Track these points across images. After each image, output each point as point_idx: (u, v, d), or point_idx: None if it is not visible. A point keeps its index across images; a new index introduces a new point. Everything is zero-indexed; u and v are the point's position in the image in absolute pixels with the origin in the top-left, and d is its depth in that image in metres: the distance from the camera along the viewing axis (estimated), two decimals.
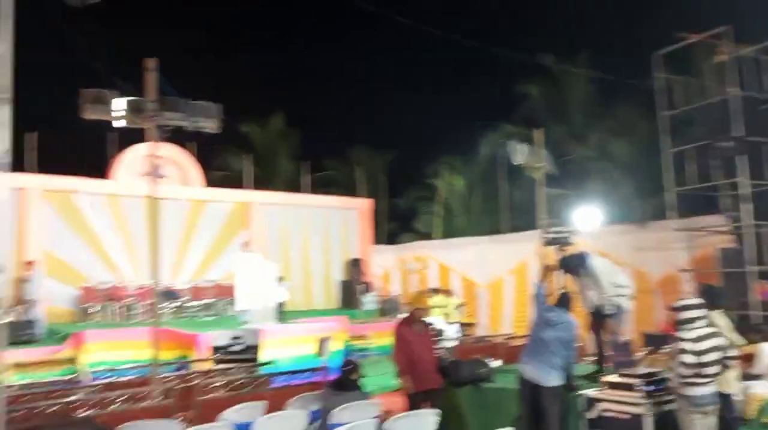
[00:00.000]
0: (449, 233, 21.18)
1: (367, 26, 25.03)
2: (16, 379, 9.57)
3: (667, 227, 12.69)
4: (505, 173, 18.72)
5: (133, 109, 7.19)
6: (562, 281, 7.46)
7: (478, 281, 17.38)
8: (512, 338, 11.60)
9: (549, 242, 7.06)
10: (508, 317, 16.48)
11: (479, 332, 16.38)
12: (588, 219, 14.52)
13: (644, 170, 16.09)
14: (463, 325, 15.89)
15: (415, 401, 6.27)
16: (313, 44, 29.98)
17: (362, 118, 26.30)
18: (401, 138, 24.66)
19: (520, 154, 8.94)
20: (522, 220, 19.56)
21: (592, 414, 5.64)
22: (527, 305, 15.62)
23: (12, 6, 4.13)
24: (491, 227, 20.43)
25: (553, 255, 7.00)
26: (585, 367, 8.06)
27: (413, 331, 6.59)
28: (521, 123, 18.97)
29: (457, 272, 18.00)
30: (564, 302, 6.04)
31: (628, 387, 5.42)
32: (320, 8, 27.46)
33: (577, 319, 6.09)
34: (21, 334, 11.51)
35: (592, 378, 6.41)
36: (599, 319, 6.53)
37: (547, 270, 6.66)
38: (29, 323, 12.08)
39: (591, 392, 5.76)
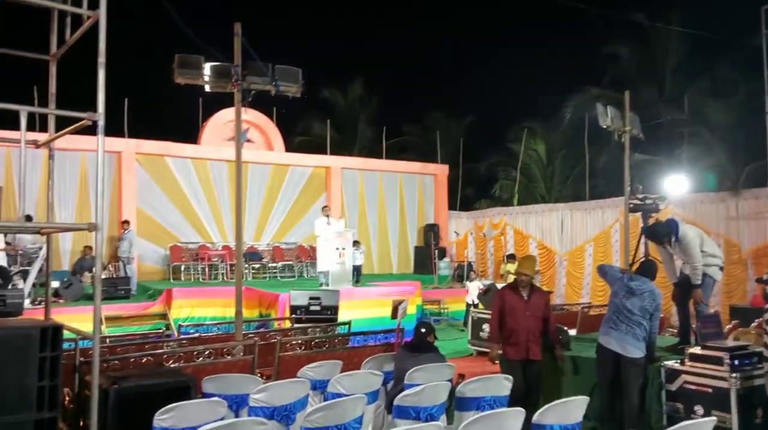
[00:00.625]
0: (528, 199, 20.76)
1: None
2: (111, 331, 10.28)
3: (762, 194, 11.91)
4: (587, 138, 18.05)
5: (219, 74, 7.36)
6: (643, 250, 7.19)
7: (557, 248, 17.01)
8: (590, 307, 11.32)
9: (636, 209, 6.77)
10: (587, 287, 16.10)
11: (556, 300, 16.12)
12: (677, 186, 13.86)
13: (742, 135, 15.10)
14: None
15: (510, 369, 5.86)
16: (392, 9, 29.62)
17: (441, 82, 26.01)
18: (480, 103, 24.25)
19: (607, 116, 8.53)
20: (605, 187, 18.91)
21: (673, 386, 5.46)
22: None
23: None
24: (572, 194, 19.86)
25: (639, 222, 6.71)
26: (667, 339, 7.81)
27: (517, 296, 6.10)
28: (608, 85, 18.18)
29: (535, 239, 17.67)
30: (648, 270, 5.82)
31: (713, 360, 5.20)
32: None
33: (660, 289, 5.87)
34: (116, 290, 12.28)
35: (675, 350, 6.19)
36: (686, 289, 6.25)
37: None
38: (123, 280, 12.86)
39: (673, 363, 5.57)
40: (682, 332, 6.49)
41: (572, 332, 7.97)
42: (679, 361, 5.60)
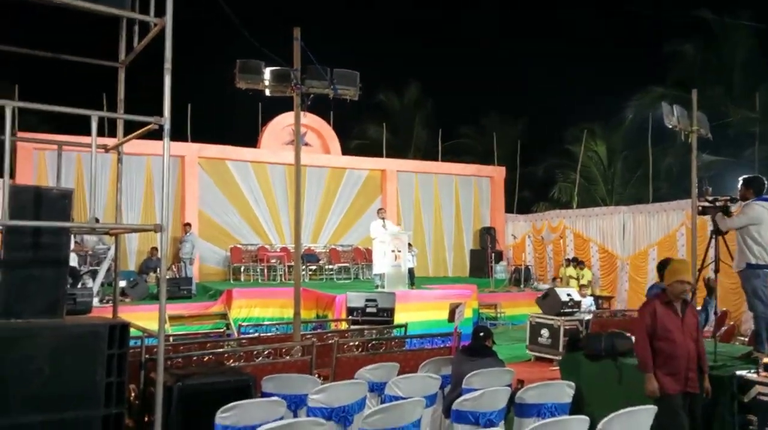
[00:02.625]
0: (588, 202, 20.28)
1: None
2: (174, 330, 10.58)
3: None
4: (651, 139, 17.49)
5: (278, 78, 7.48)
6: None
7: (619, 252, 16.53)
8: None
9: (705, 212, 6.49)
10: None
11: (618, 306, 15.66)
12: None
13: None
14: (600, 298, 15.28)
15: (670, 407, 4.69)
16: (446, 10, 29.51)
17: (497, 83, 25.71)
18: (537, 103, 23.87)
19: (674, 116, 8.22)
20: (669, 189, 18.29)
21: (747, 397, 5.20)
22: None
23: None
24: (634, 197, 19.29)
25: (708, 225, 6.42)
26: (737, 347, 7.45)
27: (671, 312, 4.88)
28: (672, 84, 17.58)
29: (596, 243, 17.22)
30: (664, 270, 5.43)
31: None
32: None
33: (734, 297, 5.60)
34: (179, 290, 12.64)
35: (749, 358, 5.90)
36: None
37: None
38: (186, 280, 13.23)
39: (746, 373, 5.30)
40: (756, 339, 6.18)
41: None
42: (753, 370, 5.33)
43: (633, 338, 6.97)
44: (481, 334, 5.58)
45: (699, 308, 6.73)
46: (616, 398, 5.93)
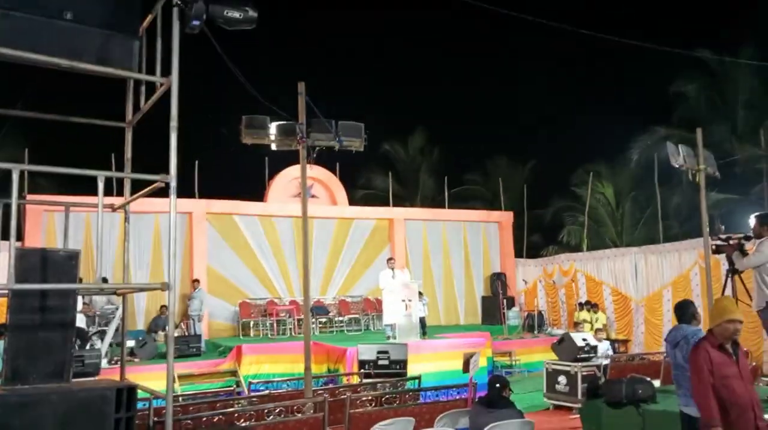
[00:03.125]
0: (597, 244, 20.14)
1: (502, 35, 24.73)
2: (183, 389, 10.40)
3: None
4: (657, 179, 17.46)
5: (284, 133, 7.57)
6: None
7: (632, 294, 16.30)
8: None
9: (719, 250, 6.40)
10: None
11: (634, 349, 15.34)
12: None
13: None
14: (616, 341, 14.99)
15: None
16: (448, 59, 30.08)
17: (501, 128, 25.97)
18: (542, 147, 24.03)
19: (679, 155, 8.21)
20: (679, 228, 18.18)
21: None
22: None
23: (178, 40, 4.48)
24: (644, 237, 19.16)
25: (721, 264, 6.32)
26: (764, 389, 7.21)
27: (725, 356, 4.35)
28: (677, 124, 17.68)
29: (609, 286, 17.00)
30: (679, 312, 5.29)
31: None
32: (452, 25, 27.59)
33: (753, 337, 5.44)
34: (188, 348, 12.48)
35: None
36: None
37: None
38: (194, 337, 13.08)
39: None
40: None
41: (656, 383, 7.50)
42: None
43: (654, 382, 6.80)
44: (497, 385, 5.43)
45: None
46: None
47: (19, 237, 13.35)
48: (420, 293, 13.48)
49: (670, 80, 18.72)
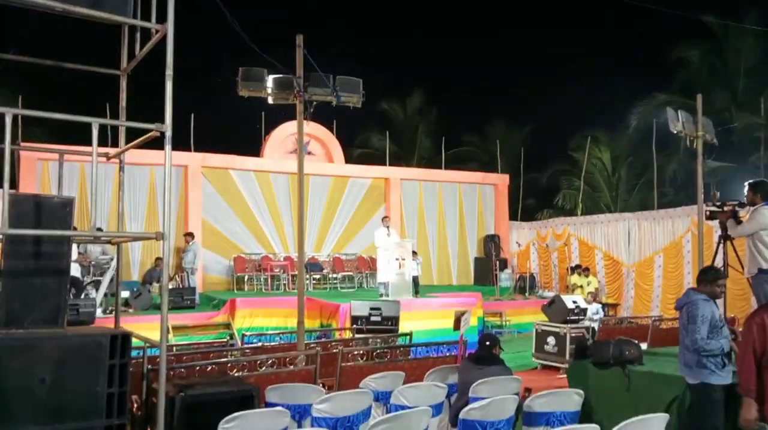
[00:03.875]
0: (592, 209, 20.22)
1: None
2: (177, 340, 10.51)
3: None
4: (655, 145, 17.40)
5: (281, 86, 7.46)
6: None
7: (624, 259, 16.44)
8: (661, 320, 10.82)
9: (713, 217, 6.42)
10: (656, 300, 15.46)
11: (623, 313, 15.56)
12: None
13: None
14: (605, 305, 15.18)
15: None
16: (450, 18, 29.58)
17: (500, 91, 25.72)
18: (541, 111, 23.87)
19: (679, 121, 8.17)
20: (674, 196, 18.23)
21: None
22: (680, 287, 14.61)
23: None
24: (639, 203, 19.22)
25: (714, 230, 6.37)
26: None
27: None
28: (677, 90, 17.55)
29: (601, 250, 17.13)
30: (699, 277, 5.21)
31: None
32: None
33: (741, 303, 5.50)
34: (182, 300, 12.58)
35: None
36: None
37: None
38: (188, 290, 13.16)
39: None
40: None
41: (643, 345, 7.62)
42: None
43: (642, 345, 6.90)
44: (488, 342, 5.51)
45: None
46: (625, 406, 5.85)
47: (13, 185, 13.30)
48: (414, 253, 13.56)
49: (672, 45, 18.50)
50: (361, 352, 6.99)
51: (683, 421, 5.12)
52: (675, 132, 8.39)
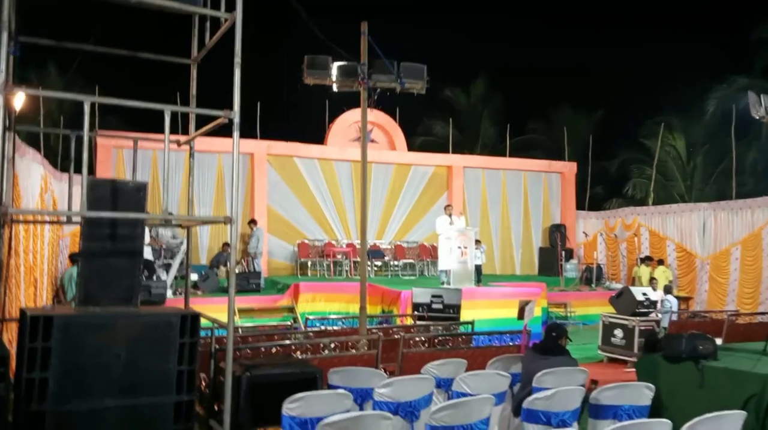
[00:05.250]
0: (664, 198, 19.43)
1: None
2: (242, 322, 10.80)
3: None
4: (733, 132, 16.53)
5: (346, 73, 7.50)
6: None
7: (698, 251, 15.76)
8: (737, 315, 10.34)
9: None
10: (732, 294, 14.77)
11: (696, 308, 14.94)
12: None
13: None
14: (678, 298, 14.63)
15: None
16: (515, 3, 28.93)
17: (568, 75, 25.01)
18: (610, 96, 23.04)
19: (761, 106, 7.73)
20: (755, 185, 17.32)
21: None
22: (758, 281, 13.91)
23: None
24: (715, 193, 18.35)
25: None
26: None
27: None
28: (759, 74, 16.59)
29: (673, 242, 16.48)
30: None
31: None
32: None
33: None
34: (248, 283, 12.90)
35: None
36: None
37: None
38: (254, 274, 13.48)
39: None
40: None
41: (718, 341, 7.30)
42: None
43: (716, 340, 6.61)
44: (554, 333, 5.39)
45: None
46: (698, 402, 5.62)
47: (91, 171, 13.94)
48: (477, 241, 13.42)
49: (752, 25, 17.46)
50: (423, 339, 7.00)
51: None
52: (757, 117, 7.93)
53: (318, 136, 17.44)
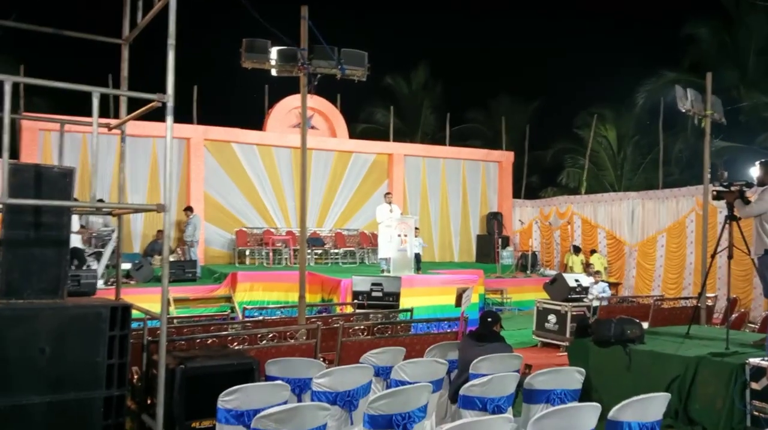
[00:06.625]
0: (596, 188, 20.11)
1: None
2: (178, 313, 10.55)
3: None
4: (661, 125, 17.22)
5: (285, 58, 7.35)
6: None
7: (627, 239, 16.40)
8: (663, 300, 10.82)
9: (719, 197, 6.36)
10: (658, 279, 15.46)
11: (624, 293, 15.57)
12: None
13: None
14: (607, 284, 15.18)
15: None
16: None
17: (506, 67, 25.44)
18: (546, 88, 23.63)
19: (687, 100, 8.06)
20: (680, 175, 18.12)
21: (759, 385, 5.11)
22: (682, 267, 14.60)
23: None
24: (644, 183, 19.12)
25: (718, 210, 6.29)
26: (749, 334, 7.35)
27: None
28: (686, 69, 17.32)
29: (604, 229, 17.09)
30: None
31: None
32: None
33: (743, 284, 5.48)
34: (183, 272, 12.59)
35: (762, 345, 5.80)
36: None
37: None
38: (190, 263, 13.17)
39: (759, 360, 5.21)
40: None
41: (644, 325, 7.63)
42: (766, 358, 5.24)
43: (643, 324, 6.90)
44: (489, 319, 5.49)
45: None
46: (625, 384, 5.87)
47: (15, 155, 13.25)
48: (416, 229, 13.53)
49: (682, 22, 18.21)
50: (362, 327, 6.99)
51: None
52: (683, 111, 8.28)
53: (257, 122, 17.14)
